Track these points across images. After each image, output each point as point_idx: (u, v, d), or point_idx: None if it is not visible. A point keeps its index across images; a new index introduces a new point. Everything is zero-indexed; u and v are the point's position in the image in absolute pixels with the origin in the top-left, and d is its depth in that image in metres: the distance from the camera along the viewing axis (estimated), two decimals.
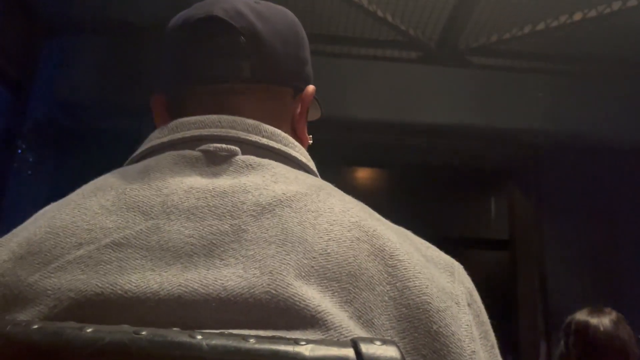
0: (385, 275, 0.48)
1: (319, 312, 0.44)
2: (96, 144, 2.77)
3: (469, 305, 0.52)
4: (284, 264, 0.46)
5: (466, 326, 0.49)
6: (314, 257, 0.47)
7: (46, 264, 0.47)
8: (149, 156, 0.58)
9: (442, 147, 3.30)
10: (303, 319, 0.44)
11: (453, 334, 0.47)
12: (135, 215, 0.49)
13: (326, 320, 0.44)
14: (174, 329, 0.42)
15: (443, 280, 0.51)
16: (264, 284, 0.45)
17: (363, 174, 3.92)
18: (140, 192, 0.51)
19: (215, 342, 0.39)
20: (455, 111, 3.02)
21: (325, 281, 0.46)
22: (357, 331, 0.45)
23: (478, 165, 3.56)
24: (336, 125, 3.05)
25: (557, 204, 3.08)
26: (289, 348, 0.40)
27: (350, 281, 0.47)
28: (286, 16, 0.69)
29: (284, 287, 0.45)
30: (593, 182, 3.04)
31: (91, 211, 0.50)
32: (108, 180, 0.55)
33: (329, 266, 0.47)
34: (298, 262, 0.47)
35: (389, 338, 0.46)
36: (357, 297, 0.46)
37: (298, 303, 0.44)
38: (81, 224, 0.49)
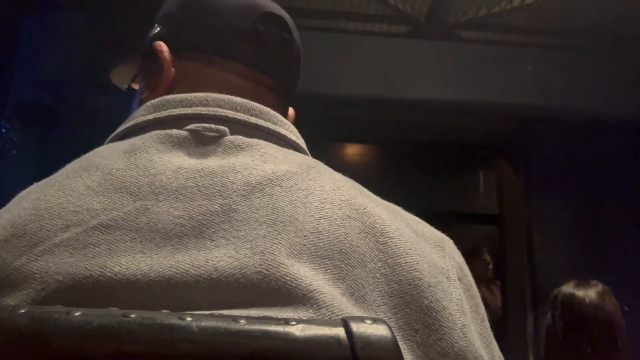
0: (377, 252, 0.48)
1: (311, 291, 0.44)
2: (81, 122, 2.73)
3: (459, 279, 0.52)
4: (275, 244, 0.46)
5: (457, 300, 0.49)
6: (306, 236, 0.47)
7: (32, 247, 0.46)
8: (133, 134, 0.57)
9: (431, 122, 3.30)
10: (295, 297, 0.44)
11: (444, 309, 0.48)
12: (122, 196, 0.48)
13: (318, 299, 0.44)
14: (164, 311, 0.42)
15: (434, 256, 0.51)
16: (256, 264, 0.45)
17: (352, 150, 3.91)
18: (127, 172, 0.50)
19: (205, 323, 0.39)
20: (444, 86, 3.01)
21: (317, 259, 0.46)
22: (350, 308, 0.45)
23: (467, 140, 3.57)
24: (324, 101, 3.03)
25: (545, 178, 3.09)
26: (280, 328, 0.40)
27: (342, 259, 0.47)
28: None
29: (275, 267, 0.45)
30: (581, 156, 3.06)
31: (77, 192, 0.49)
32: (93, 159, 0.53)
33: (320, 244, 0.47)
34: (289, 241, 0.46)
35: (381, 315, 0.46)
36: (349, 274, 0.46)
37: (290, 282, 0.44)
38: (67, 205, 0.48)
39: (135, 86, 0.71)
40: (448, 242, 0.55)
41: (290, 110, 0.69)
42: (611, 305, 1.64)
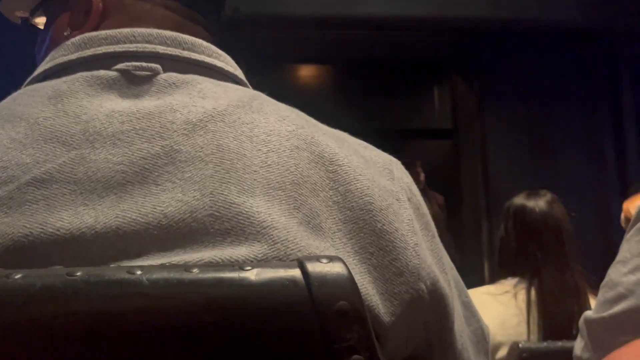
0: (328, 181, 0.48)
1: (264, 228, 0.44)
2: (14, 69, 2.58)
3: (408, 199, 0.53)
4: (225, 183, 0.45)
5: (408, 221, 0.50)
6: (255, 171, 0.46)
7: None
8: (54, 76, 0.52)
9: (383, 39, 3.25)
10: (249, 235, 0.43)
11: (396, 230, 0.49)
12: (54, 147, 0.45)
13: (272, 235, 0.44)
14: (111, 265, 0.40)
15: (383, 179, 0.52)
16: (206, 207, 0.44)
17: (305, 72, 3.84)
18: (55, 120, 0.47)
19: (155, 275, 0.38)
20: (394, 1, 2.94)
21: (270, 191, 0.46)
22: (305, 240, 0.45)
23: (420, 56, 3.54)
24: (275, 22, 2.93)
25: (498, 91, 3.13)
26: (234, 274, 0.39)
27: (295, 189, 0.46)
28: None
29: (227, 208, 0.44)
30: (533, 68, 3.09)
31: (1, 146, 0.46)
32: (13, 108, 0.49)
33: (271, 177, 0.46)
34: (238, 178, 0.45)
35: (337, 242, 0.46)
36: (303, 204, 0.46)
37: (243, 221, 0.44)
38: None
39: (39, 20, 0.64)
40: (396, 164, 0.55)
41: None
42: (559, 213, 1.71)
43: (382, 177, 0.52)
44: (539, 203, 1.71)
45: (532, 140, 3.06)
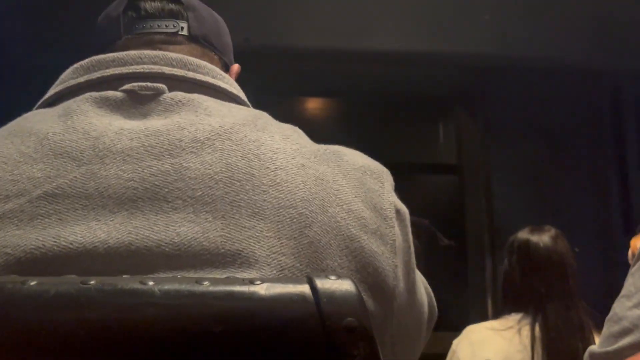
0: (333, 197, 0.50)
1: (274, 253, 0.45)
2: (27, 80, 2.62)
3: (396, 211, 0.54)
4: (235, 206, 0.46)
5: (391, 241, 0.52)
6: (265, 191, 0.47)
7: None
8: (65, 98, 0.54)
9: (389, 74, 3.29)
10: (259, 258, 0.44)
11: (382, 253, 0.51)
12: (65, 162, 0.46)
13: (280, 261, 0.45)
14: (124, 276, 0.41)
15: (375, 195, 0.53)
16: (218, 229, 0.45)
17: (311, 104, 3.88)
18: (65, 136, 0.48)
19: (167, 287, 0.39)
20: (402, 37, 2.99)
21: (281, 210, 0.46)
22: (313, 264, 0.46)
23: (426, 91, 3.58)
24: (282, 54, 2.97)
25: (503, 128, 3.14)
26: (244, 288, 0.40)
27: (305, 206, 0.47)
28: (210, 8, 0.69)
29: (237, 231, 0.45)
30: (538, 105, 3.11)
31: (11, 160, 0.47)
32: (23, 125, 0.50)
33: (281, 196, 0.47)
34: (249, 200, 0.46)
35: (343, 261, 0.48)
36: (314, 221, 0.47)
37: (253, 244, 0.44)
38: (2, 174, 0.46)
39: None
40: (387, 176, 0.56)
41: (235, 66, 0.68)
42: (563, 248, 1.71)
43: (375, 191, 0.54)
44: (543, 238, 1.71)
45: (536, 176, 3.06)
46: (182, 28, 0.61)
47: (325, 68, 3.18)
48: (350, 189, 0.51)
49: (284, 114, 0.59)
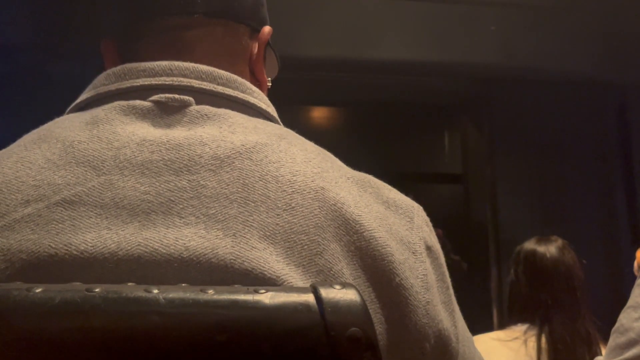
0: (352, 223, 0.48)
1: (284, 274, 0.44)
2: (33, 88, 2.63)
3: (427, 248, 0.53)
4: (248, 226, 0.45)
5: (422, 276, 0.51)
6: (278, 214, 0.46)
7: None
8: (94, 104, 0.55)
9: (395, 83, 3.29)
10: (268, 280, 0.44)
11: (412, 287, 0.49)
12: (86, 171, 0.47)
13: (291, 283, 0.44)
14: (129, 284, 0.41)
15: (402, 229, 0.52)
16: (228, 246, 0.44)
17: (317, 113, 3.89)
18: (89, 145, 0.49)
19: (172, 295, 0.39)
20: (408, 46, 3.00)
21: (292, 235, 0.46)
22: None
23: (432, 101, 3.58)
24: (288, 63, 2.98)
25: (509, 138, 3.14)
26: (249, 297, 0.40)
27: (318, 232, 0.47)
28: None
29: (248, 250, 0.44)
30: (544, 115, 3.11)
31: (36, 165, 0.47)
32: (52, 130, 0.51)
33: (294, 220, 0.47)
34: (261, 222, 0.46)
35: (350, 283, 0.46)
36: (326, 249, 0.46)
37: (262, 265, 0.44)
38: (26, 179, 0.46)
39: None
40: (417, 211, 0.55)
41: (265, 29, 0.65)
42: (570, 259, 1.70)
43: (402, 225, 0.52)
44: (550, 249, 1.70)
45: (542, 186, 3.06)
46: (198, 2, 0.59)
47: (331, 77, 3.19)
48: (373, 219, 0.50)
49: (289, 123, 0.59)
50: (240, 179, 0.48)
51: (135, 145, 0.49)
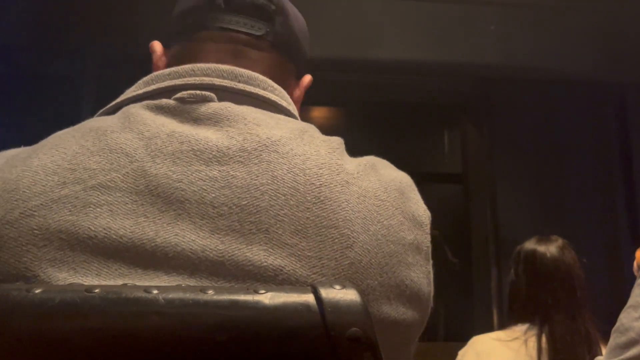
0: (375, 214, 0.50)
1: (314, 273, 0.45)
2: (33, 88, 2.63)
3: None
4: (279, 221, 0.46)
5: (425, 252, 0.54)
6: (308, 208, 0.47)
7: (25, 201, 0.45)
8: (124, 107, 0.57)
9: (395, 83, 3.29)
10: (299, 277, 0.45)
11: (422, 285, 0.52)
12: (119, 157, 0.48)
13: (321, 279, 0.45)
14: (128, 283, 0.41)
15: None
16: (261, 242, 0.45)
17: (316, 113, 3.89)
18: (121, 134, 0.50)
19: (172, 295, 0.39)
20: (408, 46, 3.00)
21: (323, 230, 0.47)
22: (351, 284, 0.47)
23: (431, 101, 3.58)
24: None
25: (508, 138, 3.14)
26: (249, 297, 0.40)
27: (348, 226, 0.48)
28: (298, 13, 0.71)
29: (280, 246, 0.45)
30: (544, 116, 3.11)
31: (71, 150, 0.49)
32: (85, 124, 0.53)
33: (324, 214, 0.47)
34: (292, 216, 0.47)
35: (375, 282, 0.48)
36: (356, 241, 0.47)
37: (295, 262, 0.45)
38: (62, 163, 0.48)
39: None
40: (414, 184, 0.58)
41: (306, 77, 0.69)
42: (570, 259, 1.70)
43: (411, 200, 0.55)
44: (550, 248, 1.70)
45: (542, 186, 3.05)
46: (268, 32, 0.62)
47: (331, 77, 3.19)
48: (391, 202, 0.52)
49: None
50: (269, 170, 0.49)
51: (165, 136, 0.50)
